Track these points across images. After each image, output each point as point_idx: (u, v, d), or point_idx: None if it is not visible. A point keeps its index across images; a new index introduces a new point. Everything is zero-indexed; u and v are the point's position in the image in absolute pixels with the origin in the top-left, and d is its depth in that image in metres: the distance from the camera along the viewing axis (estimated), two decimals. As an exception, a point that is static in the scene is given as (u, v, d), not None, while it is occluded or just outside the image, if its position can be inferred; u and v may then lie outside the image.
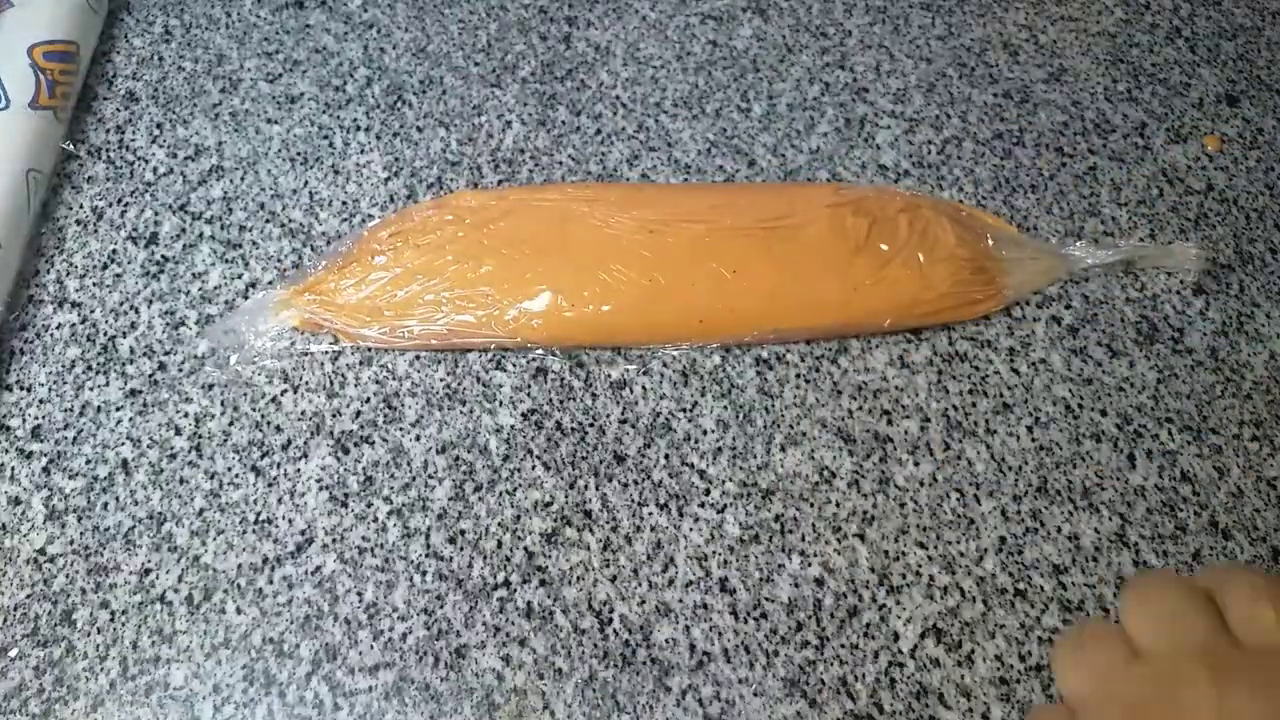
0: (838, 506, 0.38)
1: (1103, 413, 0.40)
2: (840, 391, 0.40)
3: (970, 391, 0.41)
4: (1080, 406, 0.40)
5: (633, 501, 0.38)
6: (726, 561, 0.37)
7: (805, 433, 0.39)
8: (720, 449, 0.39)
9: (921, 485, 0.38)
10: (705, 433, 0.39)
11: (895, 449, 0.39)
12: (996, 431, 0.40)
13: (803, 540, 0.37)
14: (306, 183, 0.45)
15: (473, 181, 0.45)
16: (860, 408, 0.40)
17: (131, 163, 0.45)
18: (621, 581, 0.36)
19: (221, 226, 0.44)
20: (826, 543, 0.37)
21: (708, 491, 0.38)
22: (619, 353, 0.41)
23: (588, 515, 0.37)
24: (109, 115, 0.47)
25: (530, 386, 0.40)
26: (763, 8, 0.52)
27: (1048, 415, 0.40)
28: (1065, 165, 0.47)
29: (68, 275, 0.42)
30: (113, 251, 0.43)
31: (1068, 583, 0.37)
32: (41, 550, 0.36)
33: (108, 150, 0.46)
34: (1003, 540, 0.37)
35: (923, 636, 0.35)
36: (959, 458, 0.39)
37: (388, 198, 0.45)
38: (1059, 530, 0.38)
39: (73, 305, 0.41)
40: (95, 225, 0.44)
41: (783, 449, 0.39)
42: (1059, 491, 0.38)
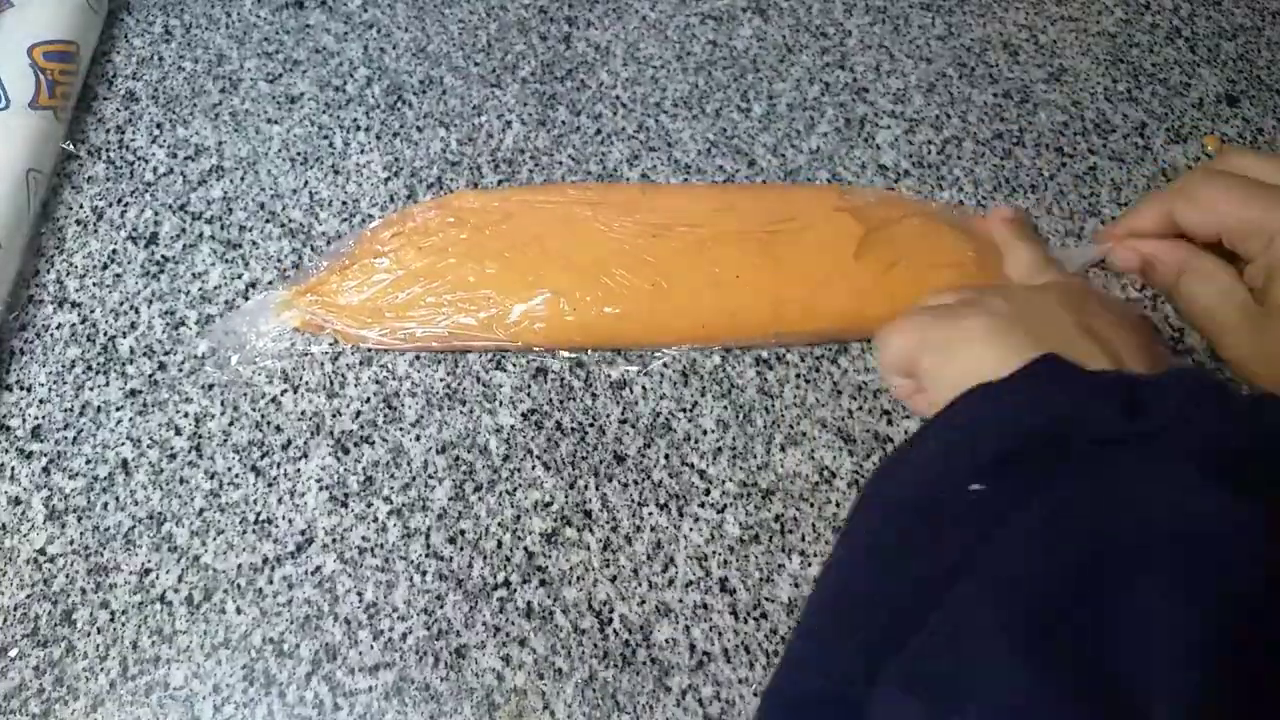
0: (838, 506, 0.38)
1: (1103, 413, 0.40)
2: (840, 391, 0.40)
3: (970, 391, 0.41)
4: (1080, 406, 0.40)
5: (633, 501, 0.38)
6: (726, 561, 0.37)
7: (805, 433, 0.39)
8: (720, 449, 0.39)
9: (921, 485, 0.38)
10: (705, 433, 0.39)
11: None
12: (996, 431, 0.40)
13: (803, 540, 0.37)
14: (306, 183, 0.45)
15: (473, 182, 0.45)
16: (860, 408, 0.40)
17: (131, 163, 0.45)
18: (621, 581, 0.36)
19: (221, 226, 0.44)
20: (826, 543, 0.37)
21: (708, 491, 0.38)
22: (619, 353, 0.41)
23: (588, 515, 0.37)
24: (109, 115, 0.47)
25: (530, 386, 0.40)
26: (763, 8, 0.52)
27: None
28: (1065, 165, 0.47)
29: (68, 275, 0.42)
30: (113, 251, 0.43)
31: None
32: (41, 550, 0.36)
33: (108, 150, 0.46)
34: (1003, 540, 0.37)
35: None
36: (959, 458, 0.39)
37: (388, 198, 0.45)
38: (1059, 530, 0.38)
39: (73, 305, 0.41)
40: (95, 225, 0.44)
41: (783, 449, 0.39)
42: (1059, 491, 0.38)
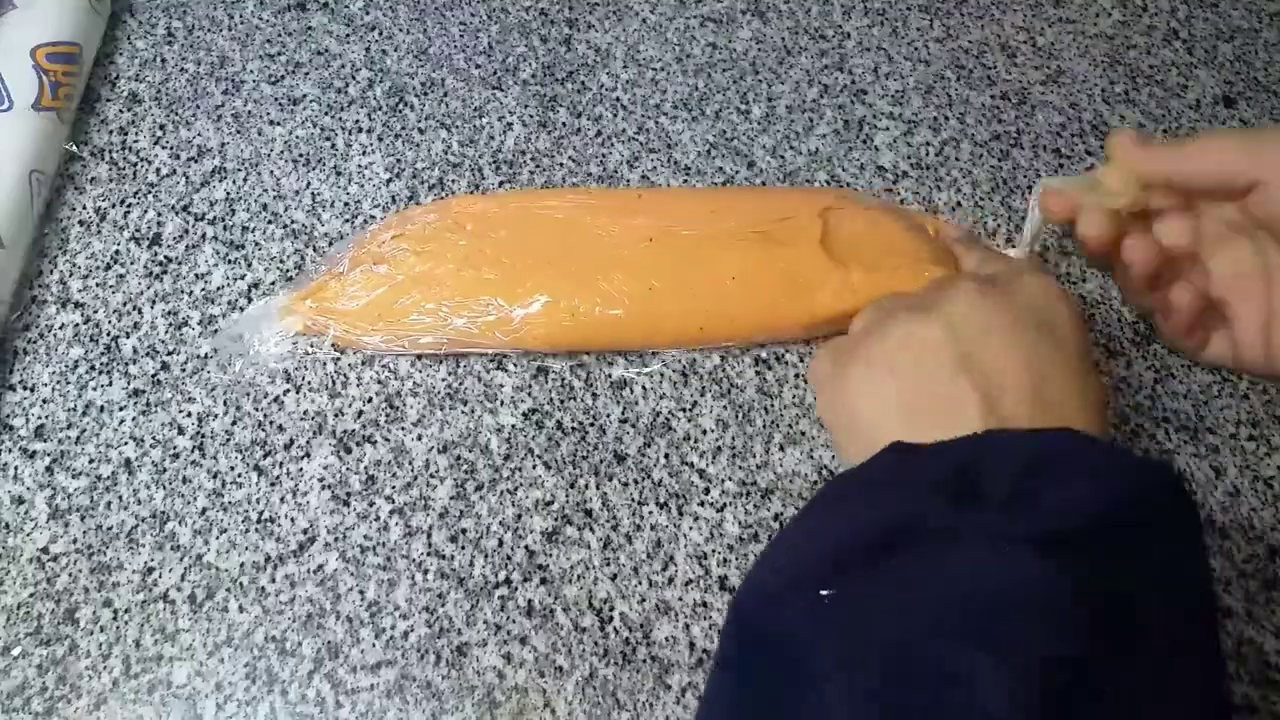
0: (837, 505, 0.38)
1: (1100, 412, 0.41)
2: (839, 391, 0.41)
3: (968, 391, 0.41)
4: (1078, 406, 0.41)
5: (633, 500, 0.38)
6: (726, 560, 0.37)
7: (804, 432, 0.40)
8: (720, 448, 0.39)
9: (920, 484, 0.39)
10: (705, 432, 0.39)
11: (894, 448, 0.39)
12: (995, 431, 0.40)
13: (802, 539, 0.37)
14: (309, 184, 0.45)
15: (474, 183, 0.46)
16: (859, 407, 0.40)
17: (134, 164, 0.46)
18: (622, 580, 0.36)
19: (224, 227, 0.44)
20: (826, 541, 0.37)
21: (707, 490, 0.38)
22: (619, 353, 0.41)
23: (588, 514, 0.38)
24: (112, 116, 0.47)
25: (531, 386, 0.40)
26: (762, 10, 0.53)
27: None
28: (1063, 167, 0.47)
29: (71, 276, 0.42)
30: (116, 252, 0.43)
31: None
32: (45, 549, 0.36)
33: (111, 151, 0.46)
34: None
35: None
36: (957, 457, 0.39)
37: (389, 199, 0.45)
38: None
39: (76, 305, 0.42)
40: (98, 226, 0.44)
41: (782, 448, 0.39)
42: (1057, 491, 0.39)
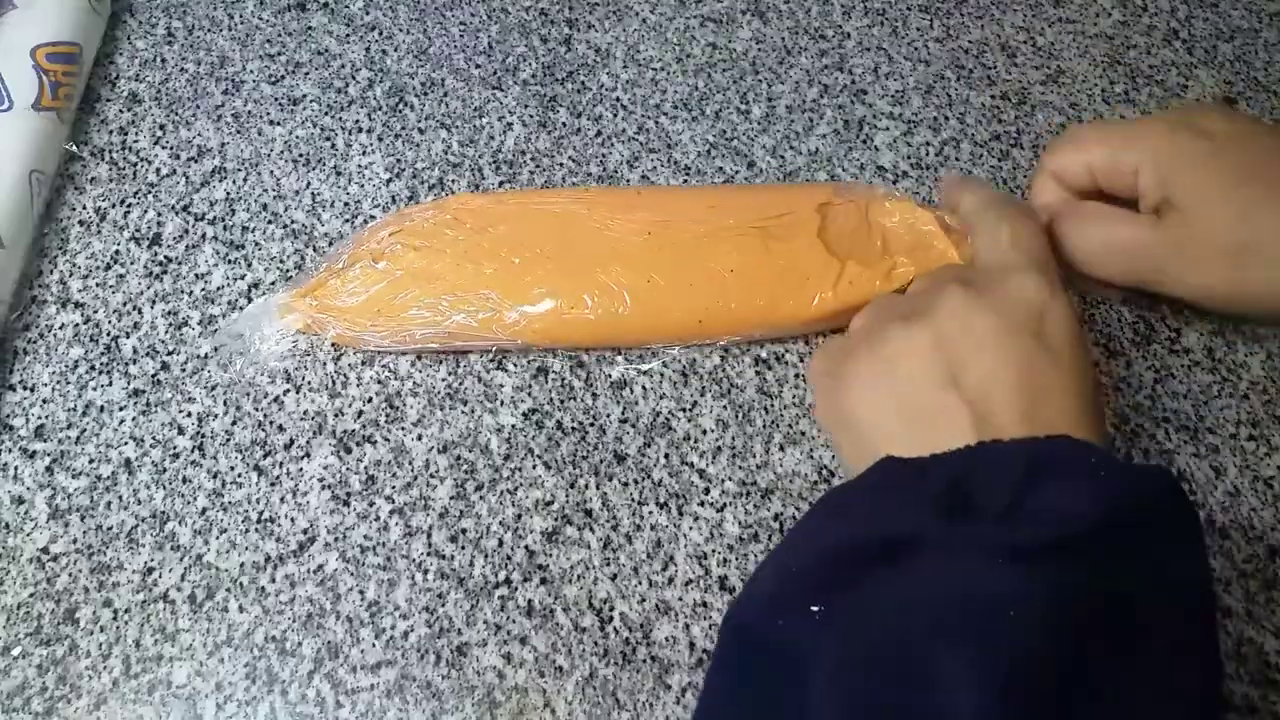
0: (837, 505, 0.38)
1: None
2: (839, 391, 0.41)
3: (968, 391, 0.41)
4: (1078, 406, 0.41)
5: (633, 500, 0.38)
6: (726, 560, 0.37)
7: (804, 432, 0.40)
8: (720, 448, 0.39)
9: (920, 484, 0.39)
10: (705, 432, 0.39)
11: (894, 448, 0.39)
12: (995, 431, 0.40)
13: (802, 539, 0.37)
14: (309, 184, 0.45)
15: (474, 183, 0.46)
16: (859, 407, 0.40)
17: (134, 164, 0.46)
18: (622, 580, 0.36)
19: (224, 227, 0.44)
20: (826, 541, 0.37)
21: (707, 490, 0.38)
22: (619, 352, 0.41)
23: (588, 514, 0.38)
24: (112, 117, 0.47)
25: (531, 386, 0.40)
26: (762, 10, 0.53)
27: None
28: (1063, 166, 0.47)
29: (71, 276, 0.42)
30: (116, 252, 0.43)
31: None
32: (45, 549, 0.36)
33: (111, 151, 0.46)
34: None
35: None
36: (957, 457, 0.39)
37: (389, 199, 0.45)
38: (1057, 529, 0.38)
39: (76, 305, 0.42)
40: (98, 226, 0.44)
41: (782, 448, 0.39)
42: (1057, 491, 0.39)
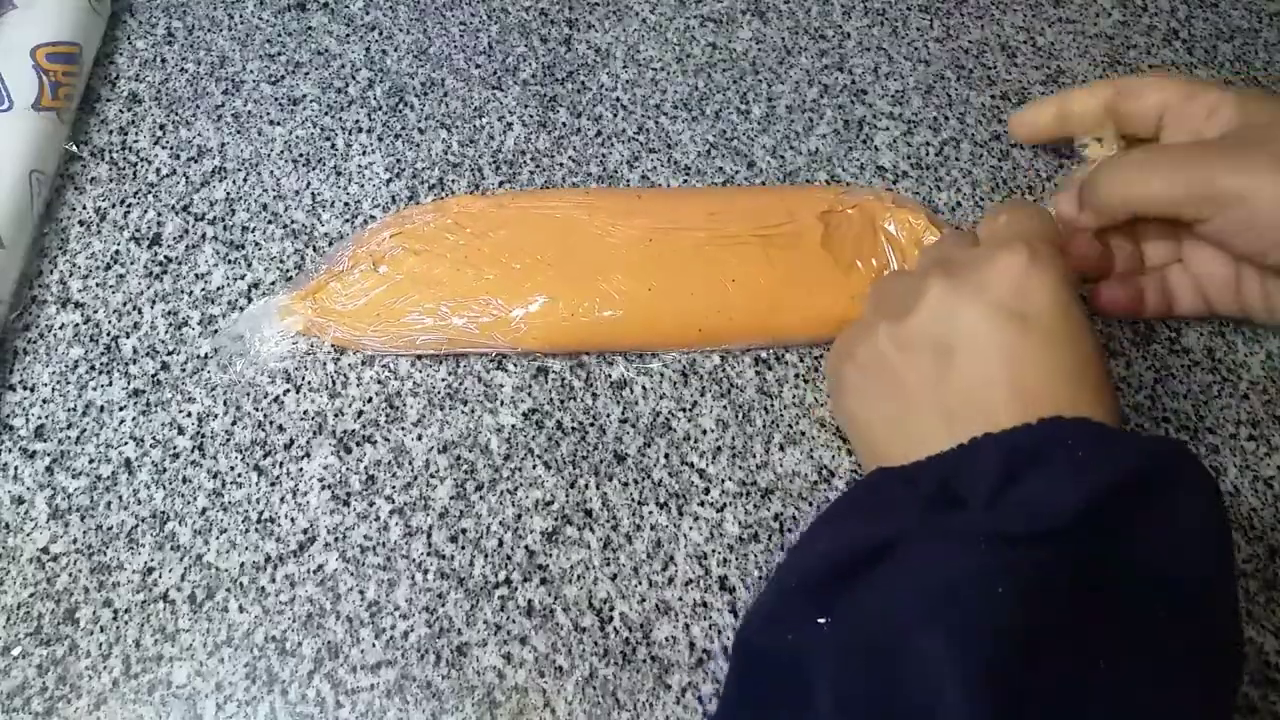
0: (837, 505, 0.38)
1: (1100, 412, 0.40)
2: (839, 391, 0.41)
3: (968, 391, 0.41)
4: (1078, 406, 0.41)
5: (633, 500, 0.38)
6: (726, 560, 0.37)
7: (804, 432, 0.40)
8: (720, 448, 0.39)
9: (920, 484, 0.39)
10: (705, 432, 0.39)
11: (894, 448, 0.39)
12: (995, 431, 0.40)
13: (802, 539, 0.37)
14: (309, 184, 0.45)
15: (474, 183, 0.46)
16: (859, 407, 0.40)
17: (134, 164, 0.46)
18: (622, 580, 0.36)
19: (224, 227, 0.44)
20: (826, 541, 0.37)
21: (707, 490, 0.38)
22: (619, 353, 0.41)
23: (588, 514, 0.38)
24: (112, 117, 0.47)
25: (531, 386, 0.40)
26: (762, 10, 0.53)
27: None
28: (1063, 167, 0.47)
29: (71, 276, 0.42)
30: (116, 252, 0.43)
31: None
32: (45, 549, 0.36)
33: (111, 151, 0.46)
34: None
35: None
36: (957, 457, 0.39)
37: (389, 199, 0.45)
38: (1057, 529, 0.38)
39: (76, 305, 0.42)
40: (98, 226, 0.44)
41: (782, 448, 0.39)
42: (1057, 491, 0.39)
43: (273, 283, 0.42)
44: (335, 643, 0.35)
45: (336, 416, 0.39)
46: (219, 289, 0.42)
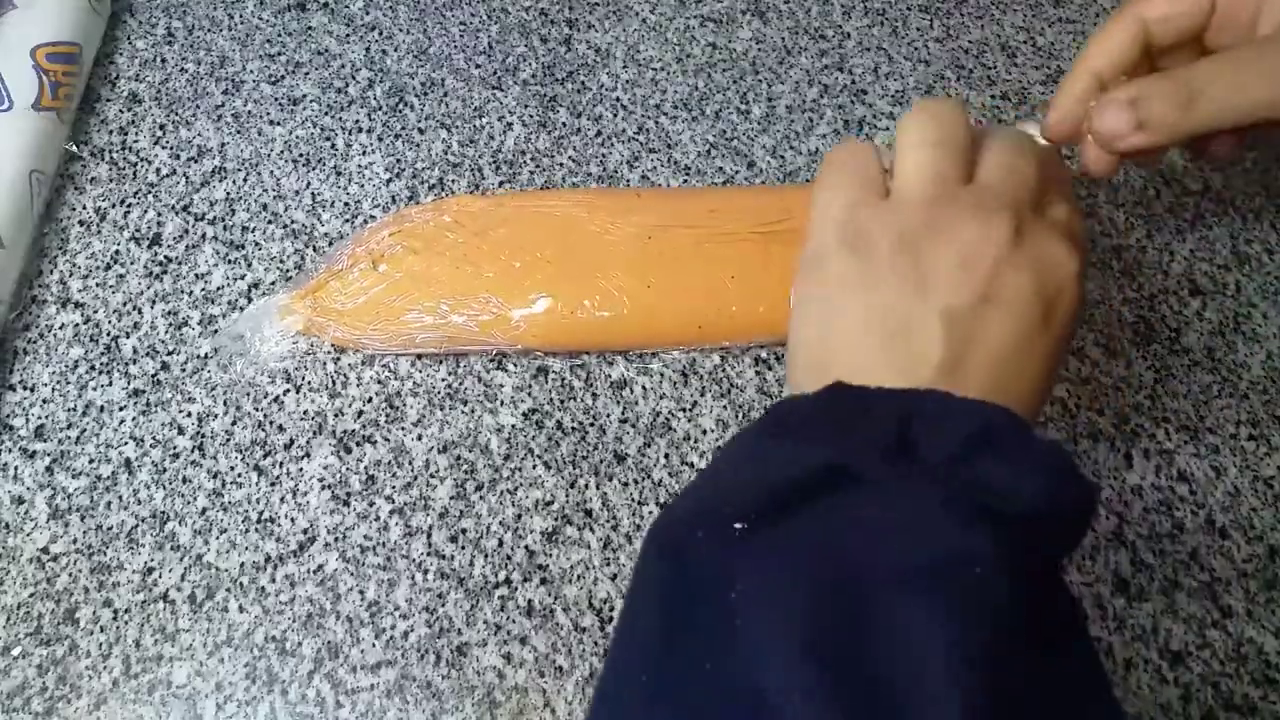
0: (837, 505, 0.38)
1: (1100, 412, 0.41)
2: (839, 391, 0.41)
3: (968, 391, 0.41)
4: (1078, 406, 0.41)
5: (633, 500, 0.38)
6: (726, 560, 0.37)
7: (804, 432, 0.40)
8: (720, 448, 0.39)
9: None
10: (705, 432, 0.39)
11: (894, 448, 0.39)
12: (995, 431, 0.40)
13: (802, 539, 0.37)
14: (309, 184, 0.45)
15: (474, 183, 0.46)
16: (859, 407, 0.40)
17: (134, 164, 0.46)
18: (622, 580, 0.36)
19: (224, 227, 0.44)
20: (826, 541, 0.37)
21: (708, 490, 0.38)
22: (619, 353, 0.41)
23: (588, 514, 0.38)
24: (112, 117, 0.47)
25: (531, 386, 0.40)
26: (762, 10, 0.53)
27: (1045, 414, 0.40)
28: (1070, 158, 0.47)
29: (71, 276, 0.42)
30: (116, 252, 0.43)
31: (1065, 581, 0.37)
32: (45, 549, 0.36)
33: (111, 151, 0.46)
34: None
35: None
36: (957, 457, 0.39)
37: (389, 199, 0.45)
38: (1057, 529, 0.38)
39: (76, 305, 0.42)
40: (98, 226, 0.44)
41: (782, 448, 0.39)
42: (1057, 490, 0.39)
43: (273, 283, 0.42)
44: (335, 643, 0.35)
45: (336, 416, 0.39)
46: (219, 289, 0.42)
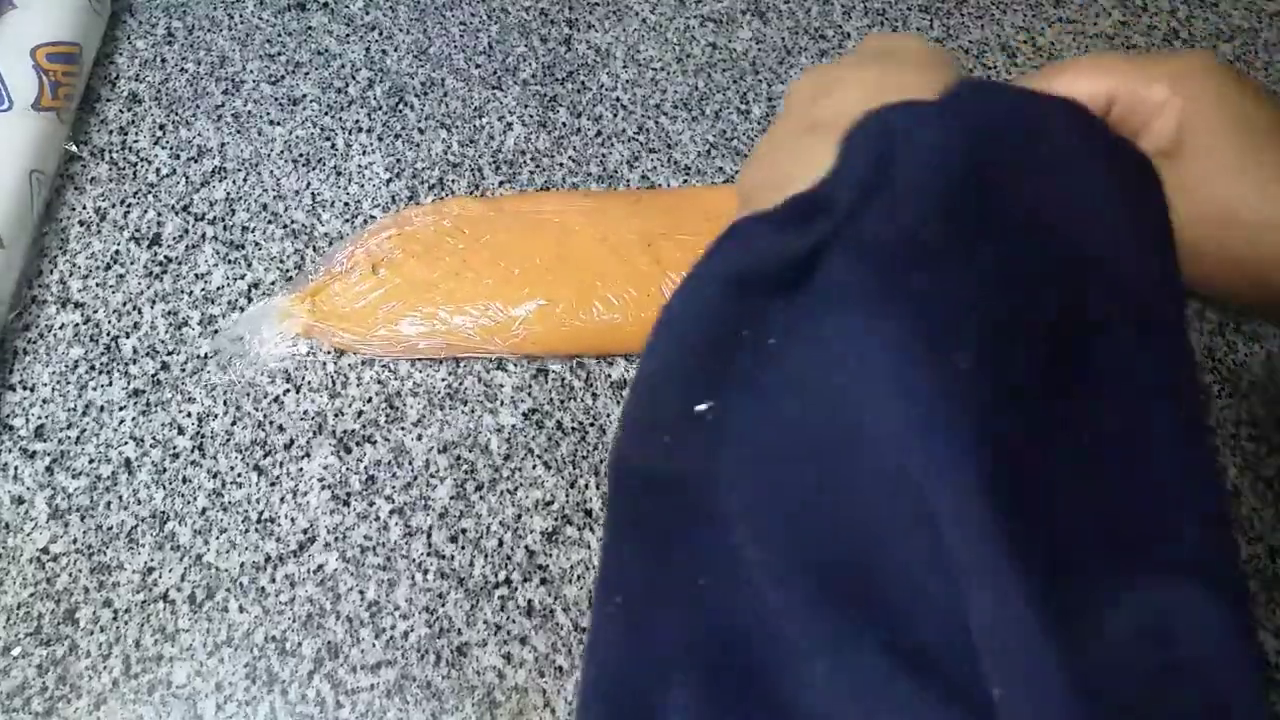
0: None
1: (1100, 412, 0.40)
2: (839, 391, 0.41)
3: (969, 391, 0.41)
4: (1078, 406, 0.41)
5: (633, 500, 0.38)
6: (726, 560, 0.37)
7: (805, 432, 0.40)
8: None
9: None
10: (705, 432, 0.39)
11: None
12: (995, 431, 0.40)
13: (802, 539, 0.37)
14: (309, 184, 0.45)
15: (474, 183, 0.46)
16: (859, 407, 0.40)
17: (134, 164, 0.46)
18: (622, 580, 0.36)
19: (224, 227, 0.44)
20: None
21: (708, 491, 0.38)
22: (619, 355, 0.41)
23: (588, 514, 0.38)
24: (112, 117, 0.47)
25: (531, 386, 0.40)
26: (762, 10, 0.53)
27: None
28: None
29: (71, 276, 0.42)
30: (116, 252, 0.43)
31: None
32: (45, 549, 0.36)
33: (111, 151, 0.46)
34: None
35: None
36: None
37: (389, 199, 0.45)
38: (1057, 529, 0.38)
39: (76, 305, 0.42)
40: (98, 226, 0.44)
41: (782, 448, 0.39)
42: (1057, 491, 0.39)
43: (273, 283, 0.42)
44: (335, 643, 0.35)
45: (336, 416, 0.39)
46: (219, 289, 0.42)
